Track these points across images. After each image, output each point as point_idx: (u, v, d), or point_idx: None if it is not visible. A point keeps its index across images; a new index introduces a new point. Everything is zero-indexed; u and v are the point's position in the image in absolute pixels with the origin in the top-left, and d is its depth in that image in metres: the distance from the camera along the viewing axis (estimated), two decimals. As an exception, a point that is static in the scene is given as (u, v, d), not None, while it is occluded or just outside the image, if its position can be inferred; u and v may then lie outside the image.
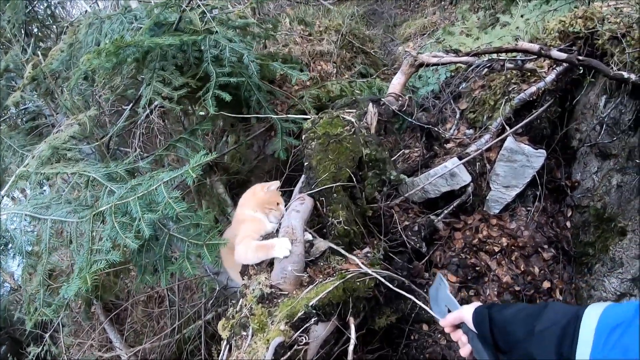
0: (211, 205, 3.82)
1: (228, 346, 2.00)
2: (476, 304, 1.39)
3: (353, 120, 2.51)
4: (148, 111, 3.11)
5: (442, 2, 6.60)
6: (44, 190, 3.56)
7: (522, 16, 4.70)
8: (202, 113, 3.75)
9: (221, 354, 2.02)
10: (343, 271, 2.13)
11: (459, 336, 1.42)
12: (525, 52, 3.37)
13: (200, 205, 3.89)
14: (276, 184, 2.40)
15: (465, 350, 1.39)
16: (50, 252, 2.66)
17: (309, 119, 2.64)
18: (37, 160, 3.08)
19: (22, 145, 3.79)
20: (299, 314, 1.91)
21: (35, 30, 5.20)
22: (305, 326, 1.92)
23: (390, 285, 2.09)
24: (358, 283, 2.10)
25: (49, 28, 5.33)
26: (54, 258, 2.88)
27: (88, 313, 4.68)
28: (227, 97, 2.88)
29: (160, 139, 3.91)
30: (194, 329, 3.80)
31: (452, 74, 4.23)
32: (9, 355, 4.89)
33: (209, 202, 3.83)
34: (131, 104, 3.67)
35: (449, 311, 1.50)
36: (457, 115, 3.77)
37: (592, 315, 1.01)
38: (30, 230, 2.81)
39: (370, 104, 2.77)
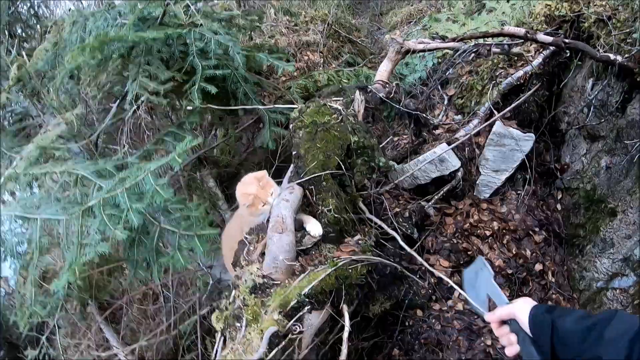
0: (202, 200, 3.81)
1: (222, 338, 2.00)
2: (529, 301, 1.32)
3: (340, 108, 2.50)
4: (135, 107, 3.09)
5: (428, -10, 6.61)
6: (34, 192, 3.54)
7: (508, 1, 4.71)
8: (189, 108, 3.73)
9: (216, 346, 2.02)
10: (335, 259, 2.13)
11: (506, 333, 1.35)
12: (512, 36, 3.38)
13: (191, 200, 3.87)
14: (264, 173, 2.39)
15: (512, 350, 1.32)
16: (41, 252, 2.65)
17: (296, 108, 2.63)
18: (26, 161, 3.06)
19: (10, 148, 3.76)
20: (292, 303, 1.91)
21: (19, 30, 5.14)
22: (298, 315, 1.91)
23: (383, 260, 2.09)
24: (350, 270, 2.10)
25: (32, 28, 5.27)
26: (46, 259, 2.86)
27: (83, 313, 4.66)
28: (214, 89, 2.87)
29: (148, 134, 3.89)
30: (189, 324, 3.79)
31: (439, 60, 4.23)
32: (6, 359, 4.87)
33: (200, 196, 3.82)
34: (118, 101, 3.64)
35: (490, 301, 1.44)
36: (445, 102, 3.78)
37: None
38: (20, 232, 2.79)
39: (357, 92, 2.77)
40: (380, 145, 3.35)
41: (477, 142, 3.33)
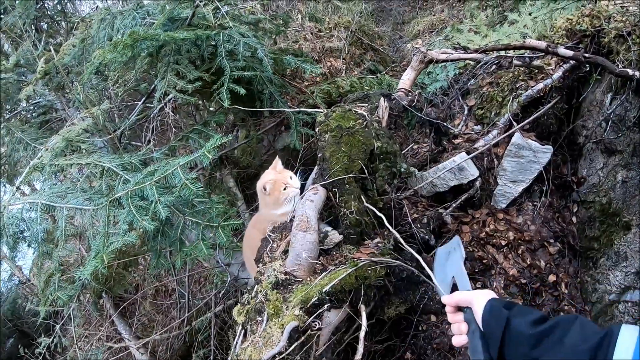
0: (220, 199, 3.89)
1: (243, 331, 2.05)
2: (490, 293, 1.25)
3: (365, 114, 2.56)
4: (162, 104, 3.18)
5: (450, 0, 6.65)
6: (55, 184, 3.63)
7: (530, 14, 4.73)
8: (211, 109, 3.81)
9: (236, 339, 2.08)
10: (355, 260, 2.18)
11: (458, 321, 1.30)
12: (533, 49, 3.41)
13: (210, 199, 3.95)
14: (277, 160, 2.56)
15: (459, 340, 1.28)
16: (66, 239, 2.73)
17: (321, 111, 2.70)
18: (51, 152, 3.14)
19: (33, 139, 3.86)
20: (313, 300, 1.97)
21: (45, 26, 5.25)
22: (318, 312, 1.97)
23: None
24: (369, 271, 2.16)
25: (58, 24, 5.38)
26: (71, 247, 2.95)
27: (97, 305, 4.74)
28: (242, 90, 2.95)
29: (175, 130, 3.98)
30: (204, 321, 3.86)
31: (461, 70, 4.26)
32: (19, 346, 4.96)
33: (219, 195, 3.89)
34: (144, 98, 3.72)
35: (454, 285, 1.38)
36: (466, 112, 3.82)
37: (628, 336, 0.96)
38: (45, 219, 2.85)
39: (382, 99, 2.83)
40: (402, 152, 3.40)
41: (495, 152, 3.37)
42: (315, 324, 1.95)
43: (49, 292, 2.82)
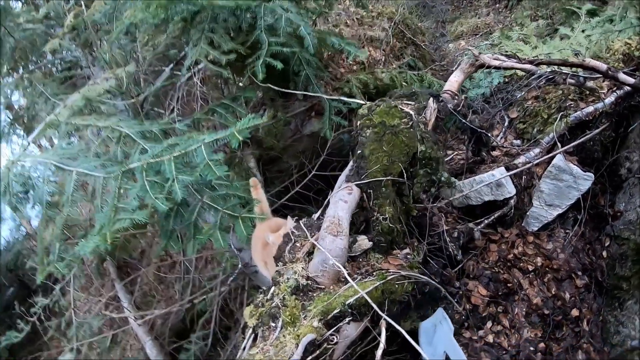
0: (239, 179, 3.74)
1: (253, 335, 1.89)
2: None
3: (412, 112, 2.39)
4: (191, 73, 3.02)
5: (497, 5, 6.48)
6: (72, 142, 3.49)
7: (583, 31, 4.57)
8: (241, 84, 3.66)
9: (244, 342, 1.91)
10: (383, 271, 2.02)
11: None
12: (592, 69, 3.23)
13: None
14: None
15: None
16: (72, 205, 2.55)
17: (359, 102, 2.53)
18: (69, 110, 2.99)
19: (54, 94, 3.73)
20: (334, 312, 1.80)
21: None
22: (338, 325, 1.81)
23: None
24: (397, 285, 1.99)
25: (90, -22, 5.22)
26: (75, 214, 2.78)
27: (99, 269, 4.64)
28: (279, 65, 2.80)
29: (201, 102, 3.83)
30: (207, 301, 3.76)
31: (506, 79, 4.09)
32: (14, 301, 4.88)
33: (238, 174, 3.74)
34: (172, 64, 3.57)
35: (447, 358, 1.37)
36: (506, 123, 3.64)
37: None
38: (53, 180, 2.68)
39: (431, 99, 2.64)
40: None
41: (535, 171, 3.21)
42: (333, 338, 1.79)
43: (47, 262, 2.66)
